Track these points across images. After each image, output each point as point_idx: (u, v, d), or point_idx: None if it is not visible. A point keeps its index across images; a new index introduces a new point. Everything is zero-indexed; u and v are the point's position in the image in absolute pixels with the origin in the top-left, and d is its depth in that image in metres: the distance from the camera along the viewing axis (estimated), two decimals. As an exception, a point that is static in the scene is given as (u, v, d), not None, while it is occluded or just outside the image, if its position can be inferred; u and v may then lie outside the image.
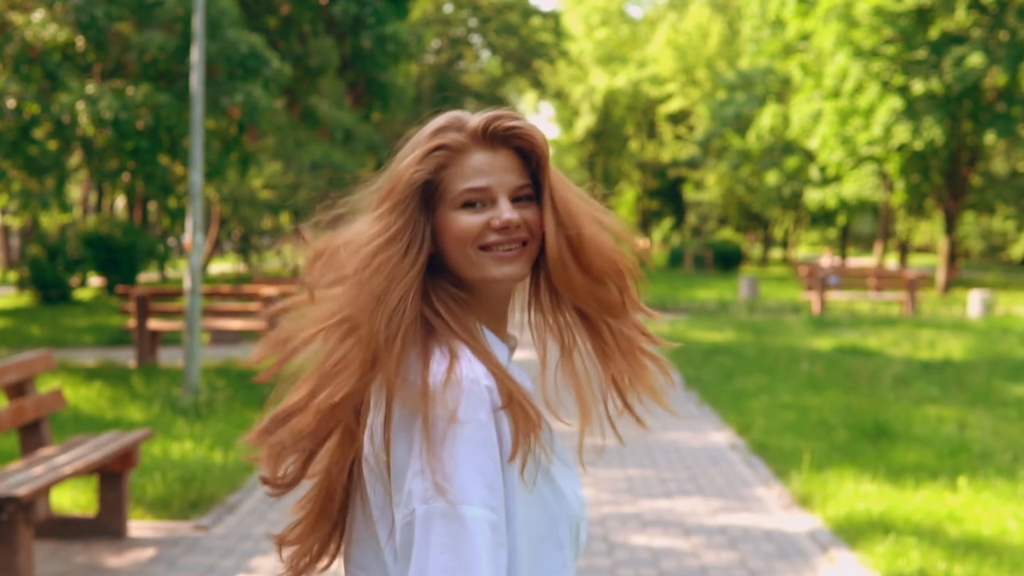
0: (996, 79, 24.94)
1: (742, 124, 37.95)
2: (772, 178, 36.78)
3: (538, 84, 46.82)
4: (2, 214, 23.42)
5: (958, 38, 25.53)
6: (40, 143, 12.03)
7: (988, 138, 25.99)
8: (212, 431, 7.59)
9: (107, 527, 5.30)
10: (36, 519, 4.41)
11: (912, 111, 25.44)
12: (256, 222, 31.48)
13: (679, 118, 48.81)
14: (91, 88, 11.40)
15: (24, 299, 22.65)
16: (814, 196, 33.64)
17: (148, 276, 31.68)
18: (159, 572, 4.76)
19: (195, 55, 8.81)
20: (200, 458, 6.58)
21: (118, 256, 22.84)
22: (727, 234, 47.35)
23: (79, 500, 5.73)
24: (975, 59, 24.06)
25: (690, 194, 50.13)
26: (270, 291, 12.01)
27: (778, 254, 56.84)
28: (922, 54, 25.41)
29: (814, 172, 34.05)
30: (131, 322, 11.78)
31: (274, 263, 46.63)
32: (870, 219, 46.77)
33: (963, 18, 25.64)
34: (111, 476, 5.29)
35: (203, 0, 8.71)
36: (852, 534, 5.25)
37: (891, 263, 39.86)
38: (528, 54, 44.18)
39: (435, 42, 40.87)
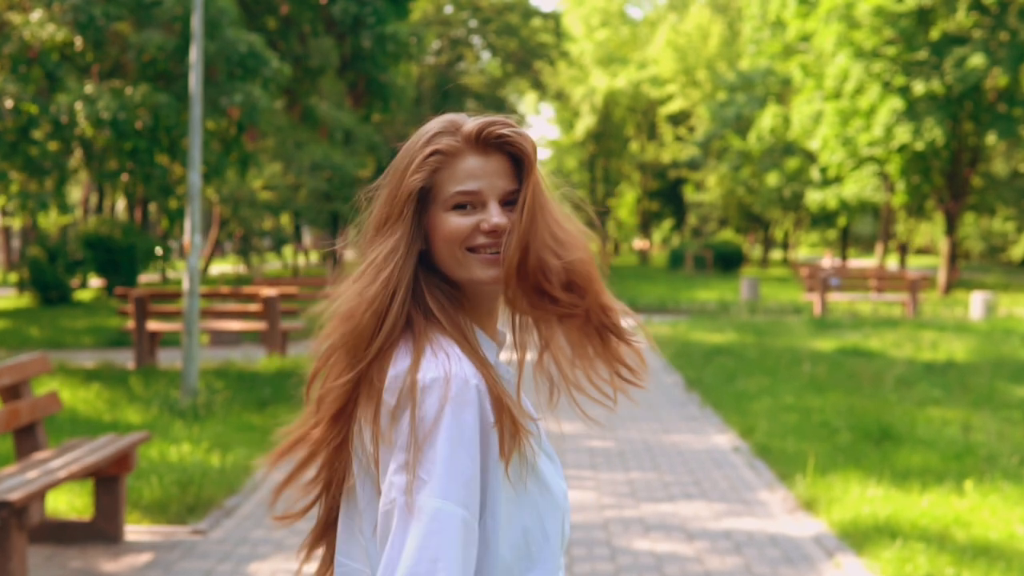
0: (997, 80, 24.87)
1: (743, 125, 37.89)
2: (773, 179, 36.72)
3: (538, 85, 46.77)
4: (2, 215, 23.36)
5: (959, 39, 25.47)
6: (40, 144, 11.97)
7: (989, 139, 25.93)
8: (210, 433, 7.52)
9: (103, 531, 5.24)
10: (30, 524, 4.35)
11: (913, 112, 25.37)
12: (256, 223, 31.43)
13: (679, 119, 48.77)
14: (89, 88, 11.33)
15: (24, 300, 22.60)
16: (815, 197, 33.57)
17: (149, 277, 31.66)
18: (155, 577, 4.70)
19: (194, 55, 8.74)
20: (198, 461, 6.51)
21: (118, 257, 22.79)
22: (727, 235, 47.29)
23: (75, 504, 5.67)
24: (976, 60, 23.99)
25: (690, 195, 50.07)
26: (270, 292, 11.96)
27: (778, 255, 56.80)
28: (923, 55, 25.35)
29: (815, 173, 33.99)
30: (130, 323, 11.73)
31: (274, 264, 46.60)
32: (870, 220, 46.71)
33: (964, 19, 25.58)
34: (107, 480, 5.22)
35: (201, 0, 8.66)
36: (858, 539, 5.18)
37: (891, 264, 39.78)
38: (528, 55, 44.14)
39: (435, 43, 40.82)
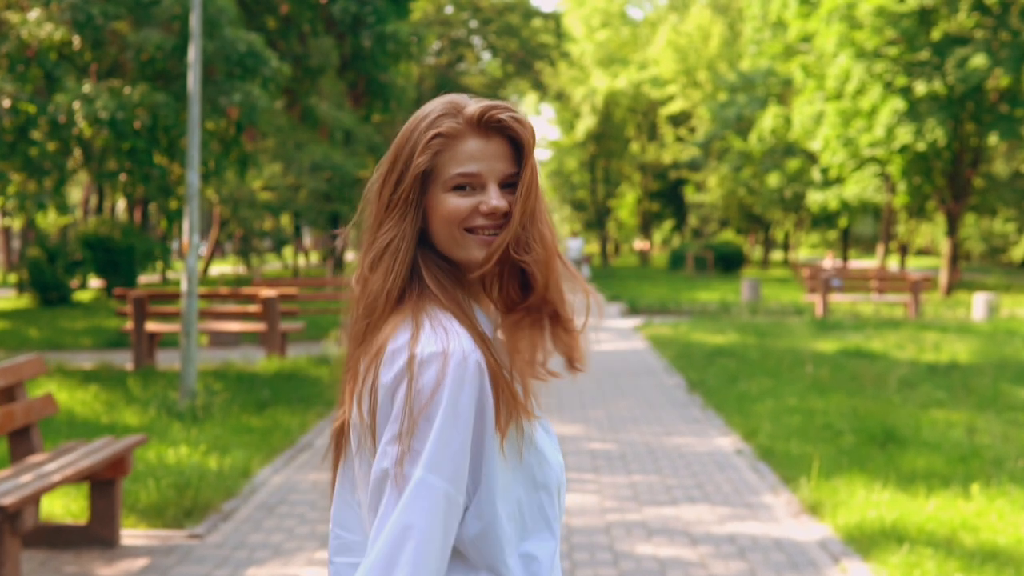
0: (999, 80, 24.79)
1: (743, 126, 37.82)
2: (774, 180, 36.65)
3: (539, 86, 46.69)
4: (2, 215, 23.29)
5: (961, 39, 25.39)
6: (39, 144, 11.91)
7: (991, 140, 25.85)
8: (208, 436, 7.45)
9: (99, 536, 5.17)
10: (23, 529, 4.28)
11: (915, 112, 25.29)
12: (256, 224, 31.39)
13: (680, 120, 48.70)
14: (87, 88, 11.26)
15: (23, 301, 22.55)
16: (816, 198, 33.50)
17: (149, 278, 31.60)
18: (151, 583, 4.63)
19: (192, 54, 8.67)
20: (195, 464, 6.43)
21: (118, 258, 22.73)
22: (728, 236, 47.21)
23: (71, 508, 5.59)
24: (978, 60, 23.91)
25: (691, 196, 49.99)
26: (269, 293, 11.90)
27: (779, 256, 56.72)
28: (925, 55, 25.27)
29: (816, 174, 33.91)
30: (128, 324, 11.66)
31: (275, 265, 46.53)
32: (871, 221, 46.63)
33: (966, 19, 25.51)
34: (103, 483, 5.16)
35: (200, -2, 8.58)
36: (864, 543, 5.11)
37: (891, 265, 39.72)
38: (529, 56, 44.07)
39: (436, 43, 40.76)
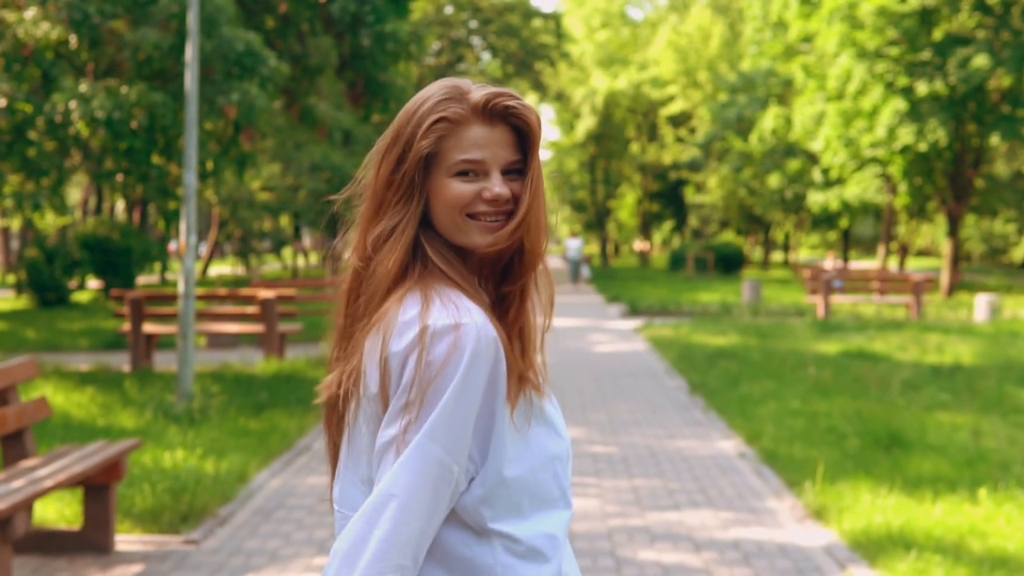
0: (1001, 81, 24.71)
1: (744, 126, 37.74)
2: (774, 180, 36.55)
3: (539, 86, 46.61)
4: (1, 216, 23.21)
5: (962, 39, 25.30)
6: (38, 144, 11.83)
7: (993, 140, 25.77)
8: (205, 439, 7.37)
9: (92, 541, 5.09)
10: (14, 535, 4.20)
11: (916, 113, 25.20)
12: (255, 224, 31.31)
13: (680, 120, 48.63)
14: (84, 87, 11.17)
15: (22, 302, 22.46)
16: (816, 199, 33.40)
17: (149, 279, 31.51)
18: (145, 590, 4.55)
19: (189, 53, 8.59)
20: (192, 468, 6.35)
21: (116, 259, 22.66)
22: (728, 237, 47.13)
23: (64, 513, 5.51)
24: (980, 60, 23.83)
25: (691, 197, 49.91)
26: (267, 294, 11.81)
27: (779, 257, 56.64)
28: (926, 55, 25.18)
29: (816, 174, 33.83)
30: (126, 326, 11.58)
31: (274, 265, 46.44)
32: (871, 222, 46.55)
33: (967, 19, 25.42)
34: (97, 488, 5.07)
35: (198, -4, 8.50)
36: (871, 550, 5.03)
37: (891, 266, 39.64)
38: (529, 56, 43.99)
39: (435, 44, 40.67)
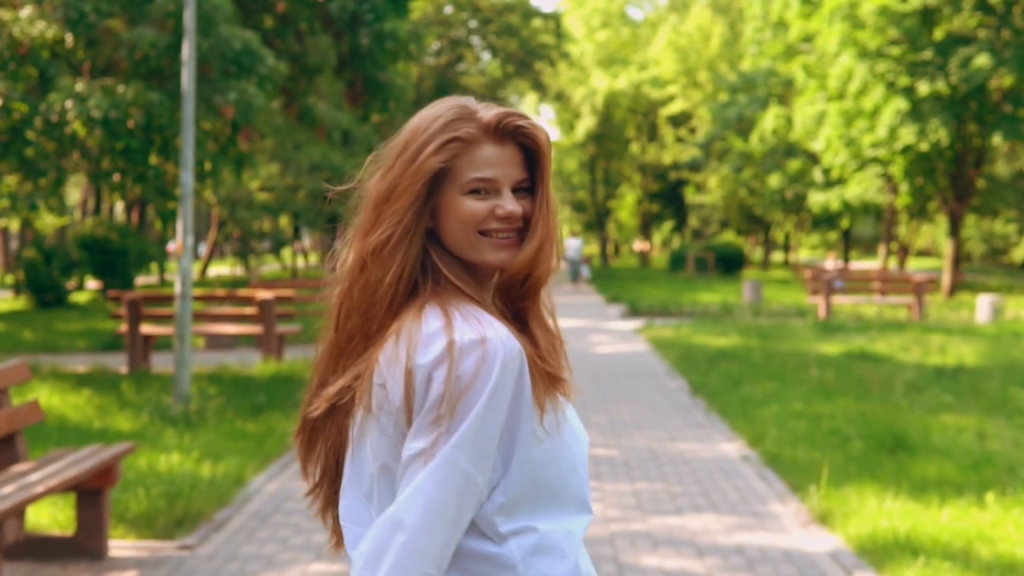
0: (1002, 80, 24.62)
1: (744, 126, 37.65)
2: (775, 181, 36.46)
3: (539, 86, 46.52)
4: (-1, 216, 23.11)
5: (964, 39, 25.21)
6: (35, 144, 11.75)
7: (994, 140, 25.68)
8: (202, 442, 7.29)
9: (85, 547, 5.00)
10: (5, 541, 4.11)
11: (918, 113, 25.11)
12: (255, 225, 31.21)
13: (680, 120, 48.54)
14: (80, 86, 11.08)
15: (20, 303, 22.37)
16: (817, 199, 33.31)
17: (148, 280, 31.42)
18: (139, 597, 4.46)
19: (186, 52, 8.51)
20: (187, 472, 6.26)
21: (115, 259, 22.57)
22: (729, 237, 47.05)
23: (57, 518, 5.42)
24: (981, 60, 23.73)
25: (691, 197, 49.83)
26: (265, 295, 11.73)
27: (779, 257, 56.55)
28: (928, 55, 25.09)
29: (817, 175, 33.74)
30: (123, 327, 11.50)
31: (274, 266, 46.35)
32: (871, 222, 46.46)
33: (969, 19, 25.33)
34: (90, 493, 4.99)
35: (194, -6, 8.42)
36: (878, 556, 4.94)
37: (891, 266, 39.55)
38: (529, 56, 43.90)
39: (435, 44, 40.58)
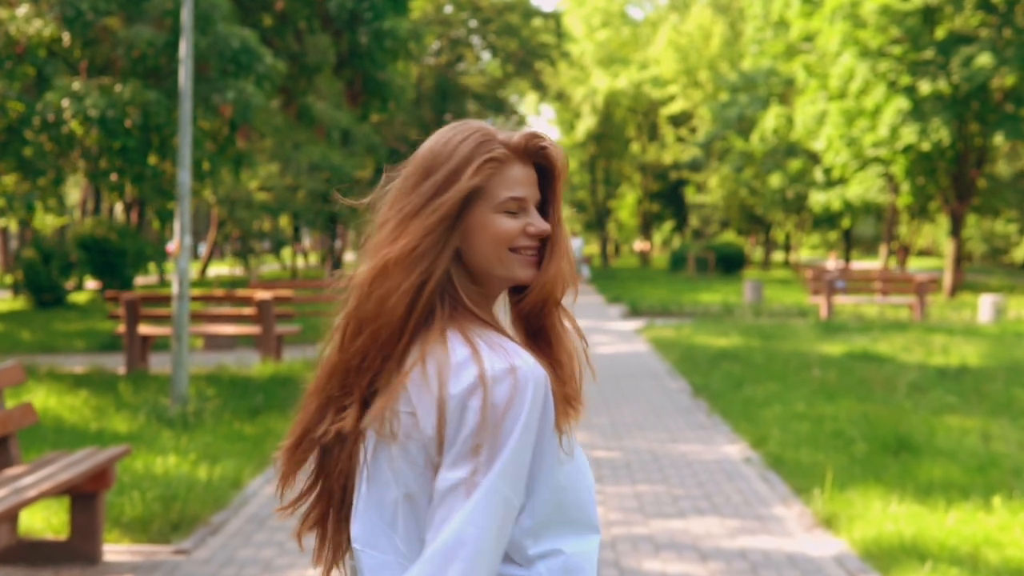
0: (1004, 80, 24.53)
1: (745, 126, 37.57)
2: (775, 180, 36.38)
3: (539, 86, 46.43)
4: (-3, 216, 23.03)
5: (966, 38, 25.13)
6: (35, 144, 11.67)
7: (996, 139, 25.60)
8: (199, 444, 7.21)
9: (79, 551, 4.93)
10: (-4, 548, 4.04)
11: (919, 112, 25.02)
12: (255, 224, 31.13)
13: (681, 120, 48.47)
14: (77, 85, 11.00)
15: (19, 303, 22.30)
16: (818, 199, 33.22)
17: (148, 280, 31.34)
18: (133, 603, 4.39)
19: (183, 50, 8.43)
20: (184, 474, 6.19)
21: (114, 260, 22.50)
22: (729, 237, 46.97)
23: (51, 522, 5.35)
24: (983, 59, 23.65)
25: (692, 197, 49.75)
26: (264, 295, 11.65)
27: (780, 257, 56.47)
28: (929, 54, 25.00)
29: (818, 174, 33.66)
30: (121, 327, 11.42)
31: (274, 266, 46.28)
32: (872, 222, 46.37)
33: (971, 18, 25.25)
34: (84, 497, 4.91)
35: (192, -8, 8.34)
36: (883, 560, 4.87)
37: (893, 266, 39.46)
38: (529, 55, 43.79)
39: (435, 43, 40.47)
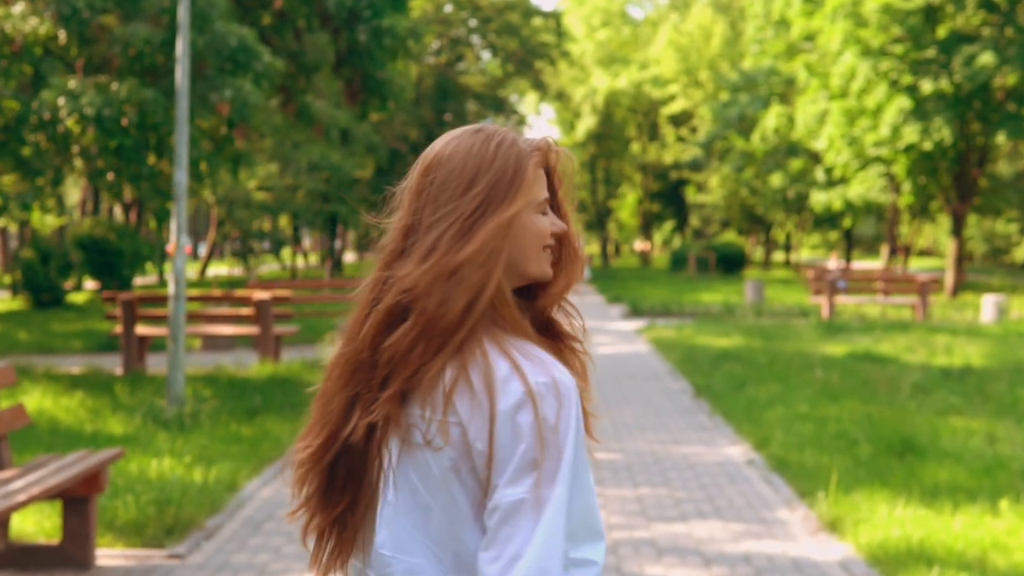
0: (1006, 79, 24.45)
1: (746, 125, 37.49)
2: (776, 180, 36.29)
3: (539, 85, 46.34)
4: (-5, 216, 22.96)
5: (968, 37, 25.05)
6: (35, 143, 11.58)
7: (998, 138, 25.51)
8: (194, 446, 7.12)
9: (72, 556, 4.84)
10: (-16, 554, 3.95)
11: (921, 111, 24.94)
12: (254, 224, 31.06)
13: (681, 120, 48.41)
14: (72, 84, 10.90)
15: (17, 303, 22.22)
16: (819, 198, 33.13)
17: (148, 280, 31.26)
18: (125, 610, 4.30)
19: (180, 47, 8.34)
20: (178, 477, 6.10)
21: (113, 260, 22.42)
22: (730, 237, 46.90)
23: (44, 525, 5.26)
24: (985, 58, 23.57)
25: (692, 196, 49.68)
26: (262, 295, 11.57)
27: (780, 257, 56.39)
28: (931, 53, 24.92)
29: (819, 174, 33.58)
30: (118, 328, 11.34)
31: (274, 266, 46.19)
32: (873, 222, 46.28)
33: (973, 16, 25.17)
34: (76, 501, 4.82)
35: (188, -11, 8.25)
36: (890, 565, 4.78)
37: (895, 266, 39.36)
38: (529, 55, 43.69)
39: (435, 43, 40.39)
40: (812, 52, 30.91)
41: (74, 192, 40.39)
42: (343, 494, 1.50)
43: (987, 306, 18.67)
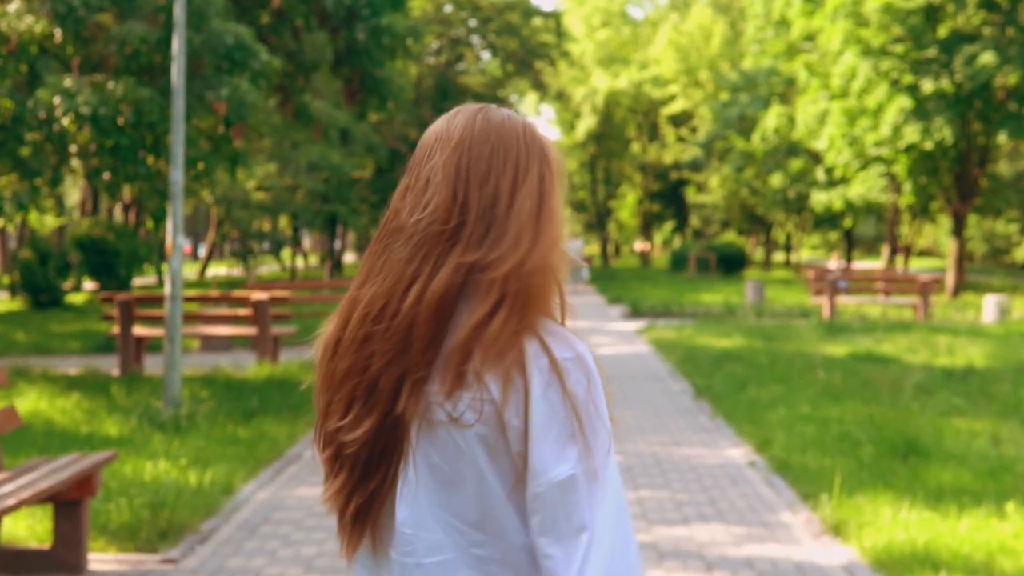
0: (1007, 78, 24.37)
1: (746, 125, 37.41)
2: (777, 180, 36.21)
3: (539, 85, 46.28)
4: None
5: (969, 36, 24.98)
6: (34, 143, 11.50)
7: (999, 138, 25.44)
8: (190, 448, 7.05)
9: (63, 561, 4.76)
10: (-28, 559, 3.88)
11: (922, 111, 24.86)
12: (254, 225, 30.98)
13: (681, 120, 48.35)
14: (68, 82, 10.82)
15: (16, 304, 22.15)
16: (820, 198, 33.05)
17: (147, 280, 31.19)
18: (116, 616, 4.22)
19: (176, 46, 8.27)
20: (173, 480, 6.02)
21: (111, 260, 22.36)
22: (730, 237, 46.82)
23: (35, 529, 5.19)
24: (986, 58, 23.50)
25: (692, 196, 49.61)
26: (260, 296, 11.49)
27: (780, 257, 56.31)
28: (932, 53, 24.85)
29: (820, 174, 33.50)
30: (115, 328, 11.27)
31: (273, 267, 46.11)
32: (873, 222, 46.20)
33: (974, 16, 25.10)
34: (68, 504, 4.75)
35: (185, -13, 8.18)
36: (895, 569, 4.70)
37: (896, 266, 39.29)
38: (529, 55, 43.64)
39: (435, 43, 40.33)
40: (812, 52, 30.84)
41: (74, 192, 40.33)
42: (376, 472, 1.48)
43: (988, 306, 18.61)
